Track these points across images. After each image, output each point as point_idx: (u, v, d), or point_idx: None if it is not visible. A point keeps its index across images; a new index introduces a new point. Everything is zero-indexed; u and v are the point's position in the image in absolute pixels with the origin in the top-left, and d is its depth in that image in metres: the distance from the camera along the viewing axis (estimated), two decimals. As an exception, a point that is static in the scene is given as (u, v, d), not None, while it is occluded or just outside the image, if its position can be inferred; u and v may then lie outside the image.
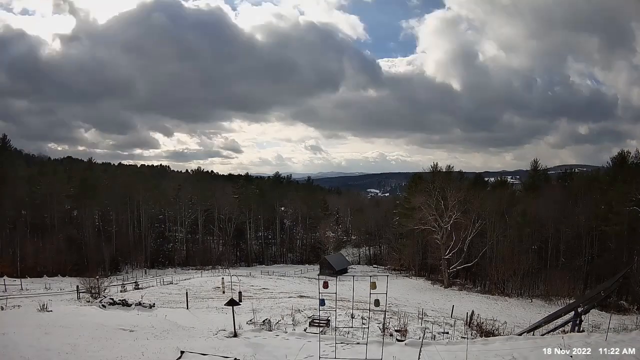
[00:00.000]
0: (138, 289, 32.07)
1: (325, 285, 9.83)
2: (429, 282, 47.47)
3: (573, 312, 15.12)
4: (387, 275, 13.22)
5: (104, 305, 20.68)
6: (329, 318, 17.25)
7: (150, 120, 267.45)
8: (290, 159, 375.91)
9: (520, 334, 15.23)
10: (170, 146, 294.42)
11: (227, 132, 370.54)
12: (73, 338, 12.01)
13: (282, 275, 48.71)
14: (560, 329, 15.33)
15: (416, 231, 47.99)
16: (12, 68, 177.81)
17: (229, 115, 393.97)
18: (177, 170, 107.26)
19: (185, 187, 66.19)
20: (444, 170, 55.74)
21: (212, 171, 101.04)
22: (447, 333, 18.19)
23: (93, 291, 26.36)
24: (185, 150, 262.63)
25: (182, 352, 10.51)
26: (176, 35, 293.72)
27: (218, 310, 21.99)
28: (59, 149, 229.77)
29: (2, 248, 43.04)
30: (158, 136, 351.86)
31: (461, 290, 43.01)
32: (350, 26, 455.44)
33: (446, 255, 44.58)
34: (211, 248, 63.36)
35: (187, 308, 22.97)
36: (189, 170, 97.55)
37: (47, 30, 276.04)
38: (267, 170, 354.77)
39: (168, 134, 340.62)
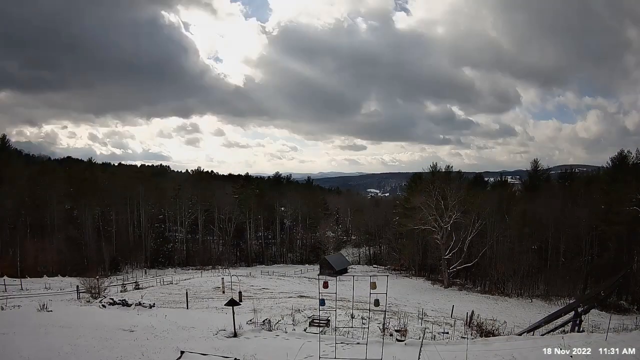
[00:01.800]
0: (138, 289, 32.03)
1: (325, 285, 9.85)
2: (429, 282, 47.46)
3: (573, 312, 15.18)
4: (387, 275, 13.27)
5: (104, 305, 20.65)
6: (329, 318, 17.24)
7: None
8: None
9: (520, 334, 15.27)
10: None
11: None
12: (73, 338, 12.03)
13: (282, 275, 48.67)
14: (560, 329, 15.37)
15: (416, 231, 47.90)
16: None
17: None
18: (177, 170, 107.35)
19: (185, 187, 66.10)
20: (444, 170, 55.94)
21: (212, 171, 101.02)
22: (447, 333, 18.18)
23: (93, 291, 26.31)
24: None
25: (182, 352, 10.51)
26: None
27: (218, 310, 21.96)
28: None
29: (2, 248, 42.89)
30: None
31: (461, 290, 43.01)
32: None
33: (446, 255, 44.54)
34: (211, 248, 63.26)
35: (187, 308, 22.95)
36: (189, 170, 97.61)
37: None
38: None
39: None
